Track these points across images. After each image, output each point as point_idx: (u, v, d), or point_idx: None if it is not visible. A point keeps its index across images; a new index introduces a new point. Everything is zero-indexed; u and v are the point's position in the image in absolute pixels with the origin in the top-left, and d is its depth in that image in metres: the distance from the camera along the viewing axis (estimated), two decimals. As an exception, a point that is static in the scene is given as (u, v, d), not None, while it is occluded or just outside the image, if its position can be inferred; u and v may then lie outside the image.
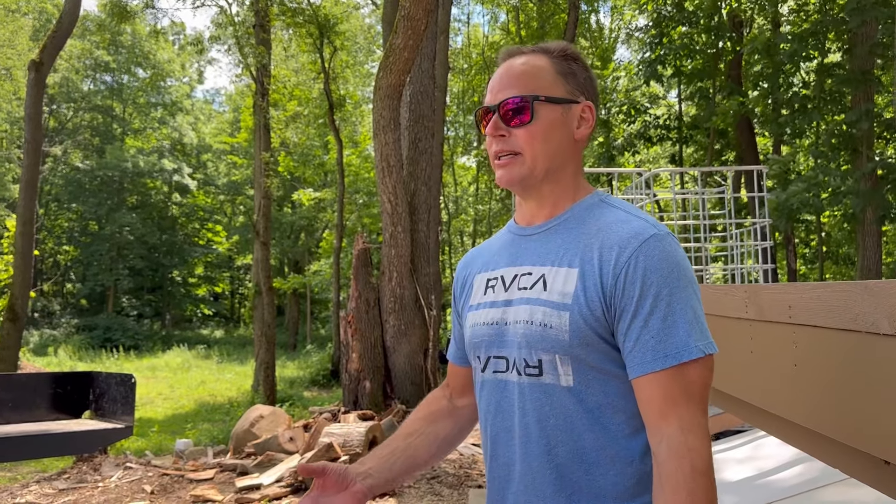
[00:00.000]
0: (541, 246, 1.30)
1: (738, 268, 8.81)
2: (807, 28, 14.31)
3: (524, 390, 1.23)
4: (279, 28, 19.31)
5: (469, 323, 1.37)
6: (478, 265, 1.44)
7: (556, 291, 1.21)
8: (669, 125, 19.40)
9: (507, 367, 1.26)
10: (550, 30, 21.58)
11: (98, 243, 33.53)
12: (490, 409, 1.31)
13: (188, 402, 15.39)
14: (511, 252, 1.35)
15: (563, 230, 1.29)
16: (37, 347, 25.65)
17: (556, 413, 1.19)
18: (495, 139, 1.29)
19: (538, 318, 1.21)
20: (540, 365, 1.21)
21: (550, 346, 1.19)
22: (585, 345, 1.17)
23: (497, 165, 1.30)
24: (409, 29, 7.19)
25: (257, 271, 16.41)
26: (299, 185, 27.78)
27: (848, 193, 11.79)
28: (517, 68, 1.31)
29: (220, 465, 7.31)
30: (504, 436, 1.27)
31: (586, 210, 1.30)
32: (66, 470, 7.43)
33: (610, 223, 1.23)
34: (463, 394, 1.53)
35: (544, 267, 1.26)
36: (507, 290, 1.30)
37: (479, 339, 1.32)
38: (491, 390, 1.30)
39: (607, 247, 1.19)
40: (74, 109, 36.10)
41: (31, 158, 12.40)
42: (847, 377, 1.50)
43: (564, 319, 1.18)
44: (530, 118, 1.27)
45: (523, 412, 1.23)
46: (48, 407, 3.97)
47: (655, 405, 1.13)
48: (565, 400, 1.19)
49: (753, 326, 2.03)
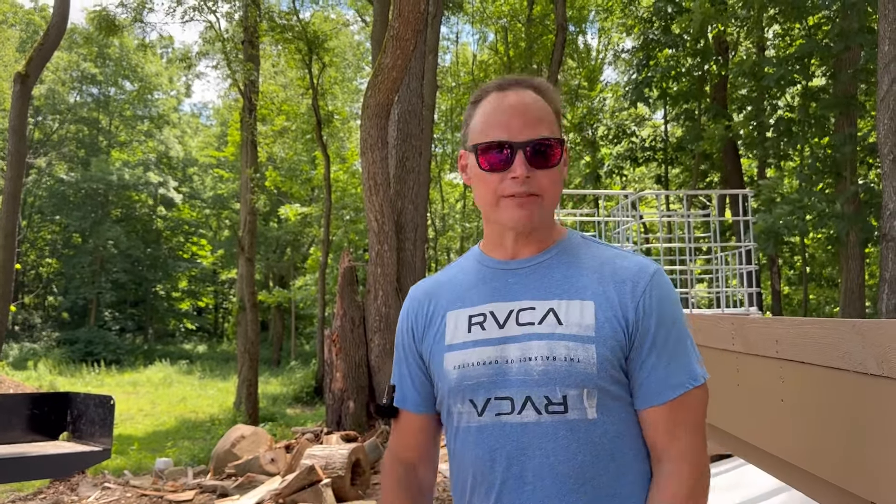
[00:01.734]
0: (537, 280, 1.25)
1: (722, 290, 8.84)
2: (791, 53, 14.50)
3: (546, 429, 1.17)
4: (268, 44, 19.34)
5: (451, 364, 1.26)
6: (445, 300, 1.34)
7: (575, 324, 1.19)
8: (655, 146, 19.55)
9: (514, 408, 1.19)
10: (538, 50, 21.74)
11: (81, 256, 33.23)
12: (488, 456, 1.21)
13: (169, 419, 15.21)
14: (495, 287, 1.28)
15: (558, 264, 1.26)
16: (16, 361, 25.27)
17: (584, 449, 1.17)
18: (517, 180, 1.21)
19: (562, 353, 1.18)
20: (565, 401, 1.17)
21: (579, 380, 1.17)
22: (610, 376, 1.18)
23: (516, 204, 1.22)
24: (398, 49, 7.21)
25: (241, 287, 16.30)
26: (286, 200, 27.70)
27: (832, 216, 11.91)
28: (534, 105, 1.25)
29: (200, 486, 7.20)
30: (514, 482, 1.19)
31: (576, 246, 1.30)
32: (43, 490, 7.30)
33: (609, 258, 1.26)
34: (422, 453, 1.39)
35: (551, 301, 1.22)
36: (502, 327, 1.23)
37: (474, 381, 1.23)
38: (490, 435, 1.21)
39: (619, 280, 1.22)
40: (60, 121, 35.88)
41: (15, 170, 12.28)
42: (835, 416, 1.49)
43: (591, 352, 1.17)
44: (559, 161, 1.24)
45: (545, 453, 1.17)
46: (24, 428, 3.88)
47: (661, 433, 1.19)
48: (591, 434, 1.18)
49: (740, 359, 2.02)
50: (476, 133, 1.27)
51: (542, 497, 1.17)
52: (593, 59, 25.32)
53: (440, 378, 1.29)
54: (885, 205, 7.15)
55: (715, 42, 17.29)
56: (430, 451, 1.40)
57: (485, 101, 1.29)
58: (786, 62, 13.90)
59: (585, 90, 23.77)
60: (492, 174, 1.23)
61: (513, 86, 1.28)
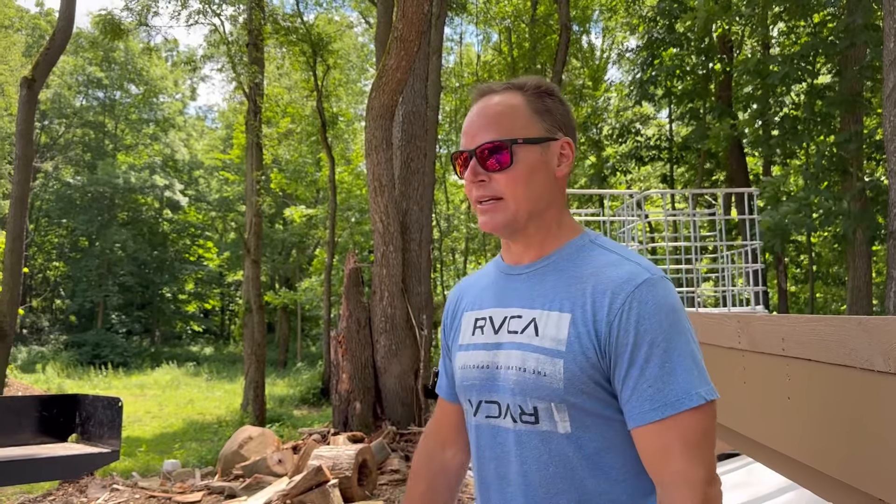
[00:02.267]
0: (530, 288, 1.25)
1: (728, 289, 8.83)
2: (797, 50, 14.46)
3: (521, 438, 1.19)
4: (272, 46, 19.38)
5: (459, 364, 1.33)
6: (466, 301, 1.39)
7: (549, 337, 1.17)
8: (660, 145, 19.51)
9: (500, 413, 1.23)
10: (542, 50, 21.73)
11: (88, 259, 33.36)
12: (484, 455, 1.27)
13: (176, 421, 15.25)
14: (497, 292, 1.31)
15: (553, 271, 1.25)
16: (24, 364, 25.38)
17: (555, 461, 1.16)
18: (475, 185, 1.24)
19: (531, 366, 1.17)
20: (536, 413, 1.17)
21: (545, 394, 1.16)
22: (581, 392, 1.14)
23: (480, 211, 1.25)
24: (402, 50, 7.22)
25: (248, 289, 16.34)
26: (291, 202, 27.75)
27: (838, 214, 11.87)
28: (492, 108, 1.25)
29: (207, 487, 7.22)
30: (498, 483, 1.23)
31: (577, 251, 1.26)
32: (52, 492, 7.33)
33: (602, 266, 1.20)
34: (450, 437, 1.46)
35: (534, 310, 1.22)
36: (496, 333, 1.26)
37: (470, 383, 1.28)
38: (483, 435, 1.27)
39: (600, 292, 1.16)
40: (66, 125, 36.03)
41: (22, 174, 12.33)
42: (841, 413, 1.49)
43: (559, 367, 1.15)
44: (510, 162, 1.22)
45: (521, 460, 1.19)
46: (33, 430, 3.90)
47: (653, 455, 1.12)
48: (564, 447, 1.16)
49: (746, 357, 2.02)
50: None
51: (522, 499, 1.20)
52: (597, 58, 25.30)
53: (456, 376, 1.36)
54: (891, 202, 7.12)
55: (719, 40, 17.26)
56: (457, 437, 1.45)
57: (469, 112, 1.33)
58: (791, 60, 13.86)
59: (590, 90, 23.75)
60: (467, 183, 1.26)
61: (478, 95, 1.31)
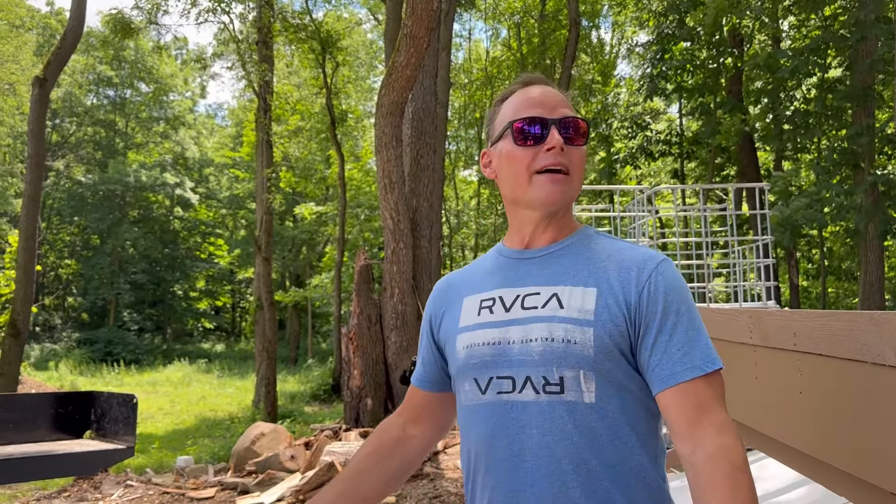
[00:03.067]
0: (545, 268, 1.30)
1: (740, 285, 8.79)
2: (807, 44, 14.37)
3: (543, 409, 1.20)
4: (282, 44, 19.41)
5: (461, 345, 1.32)
6: (465, 288, 1.40)
7: (575, 308, 1.22)
8: (671, 140, 19.44)
9: (515, 387, 1.23)
10: (551, 45, 21.67)
11: (100, 257, 33.56)
12: (492, 433, 1.25)
13: (189, 418, 15.34)
14: (507, 274, 1.34)
15: (568, 254, 1.31)
16: (38, 362, 25.59)
17: (579, 430, 1.18)
18: (552, 151, 1.28)
19: (560, 335, 1.20)
20: (562, 382, 1.19)
21: (575, 361, 1.19)
22: (609, 359, 1.19)
23: (550, 180, 1.28)
24: (412, 47, 7.23)
25: (258, 286, 16.40)
26: (301, 200, 27.82)
27: (850, 209, 11.79)
28: (560, 95, 1.35)
29: (220, 483, 7.27)
30: (512, 461, 1.22)
31: (589, 238, 1.34)
32: (67, 488, 7.40)
33: (619, 248, 1.29)
34: (417, 421, 1.49)
35: (555, 287, 1.26)
36: (507, 311, 1.28)
37: (479, 360, 1.28)
38: (492, 413, 1.25)
39: (624, 268, 1.24)
40: (77, 124, 36.23)
41: (34, 173, 12.42)
42: (853, 407, 1.49)
43: (588, 335, 1.19)
44: (586, 140, 1.33)
45: (541, 432, 1.20)
46: (49, 427, 3.93)
47: (687, 413, 1.15)
48: (588, 417, 1.18)
49: (758, 352, 2.02)
50: (506, 118, 1.35)
51: (539, 476, 1.19)
52: (607, 53, 25.21)
53: (452, 359, 1.35)
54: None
55: (730, 35, 17.17)
56: (424, 420, 1.50)
57: (512, 97, 1.37)
58: (801, 54, 13.77)
59: (599, 85, 23.68)
60: (526, 150, 1.29)
61: (536, 81, 1.37)
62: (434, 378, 1.46)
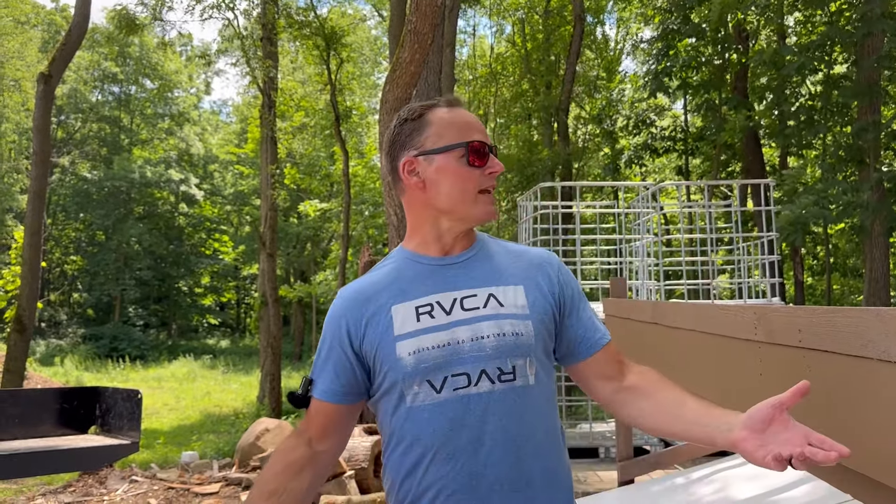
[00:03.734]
0: (470, 272, 1.46)
1: (745, 281, 8.77)
2: (813, 40, 14.30)
3: (494, 398, 1.35)
4: (286, 40, 19.41)
5: (405, 351, 1.36)
6: (385, 297, 1.43)
7: (512, 304, 1.41)
8: (675, 137, 19.39)
9: (471, 382, 1.35)
10: (556, 41, 21.63)
11: (105, 253, 33.64)
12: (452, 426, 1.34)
13: (194, 413, 15.39)
14: (436, 280, 1.44)
15: (481, 259, 1.49)
16: (43, 357, 25.69)
17: (528, 410, 1.37)
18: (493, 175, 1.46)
19: (509, 330, 1.38)
20: (514, 370, 1.37)
21: (524, 351, 1.38)
22: (543, 346, 1.43)
23: (486, 201, 1.45)
24: (416, 43, 7.21)
25: (263, 282, 16.43)
26: (305, 196, 27.84)
27: (857, 205, 11.75)
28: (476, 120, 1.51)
29: (225, 478, 7.30)
30: (472, 448, 1.34)
31: (488, 244, 1.54)
32: (72, 483, 7.43)
33: (518, 251, 1.54)
34: (325, 436, 1.47)
35: (489, 287, 1.43)
36: (449, 314, 1.39)
37: (430, 363, 1.35)
38: (451, 409, 1.35)
39: (536, 265, 1.49)
40: (82, 120, 36.30)
41: (40, 170, 12.45)
42: (859, 404, 1.49)
43: (529, 327, 1.40)
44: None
45: (499, 417, 1.35)
46: (55, 422, 3.96)
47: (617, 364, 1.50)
48: (534, 396, 1.39)
49: (762, 349, 2.02)
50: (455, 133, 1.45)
51: (497, 457, 1.33)
52: (612, 49, 25.15)
53: (391, 366, 1.38)
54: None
55: (735, 31, 17.11)
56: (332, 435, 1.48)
57: (439, 112, 1.48)
58: (807, 50, 13.71)
59: (604, 81, 23.63)
60: (473, 170, 1.43)
61: (460, 104, 1.52)
62: (350, 390, 1.45)
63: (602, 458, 7.71)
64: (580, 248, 9.01)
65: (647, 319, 3.63)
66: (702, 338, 2.62)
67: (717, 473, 4.47)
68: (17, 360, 11.73)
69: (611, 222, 17.49)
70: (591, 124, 22.87)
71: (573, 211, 9.91)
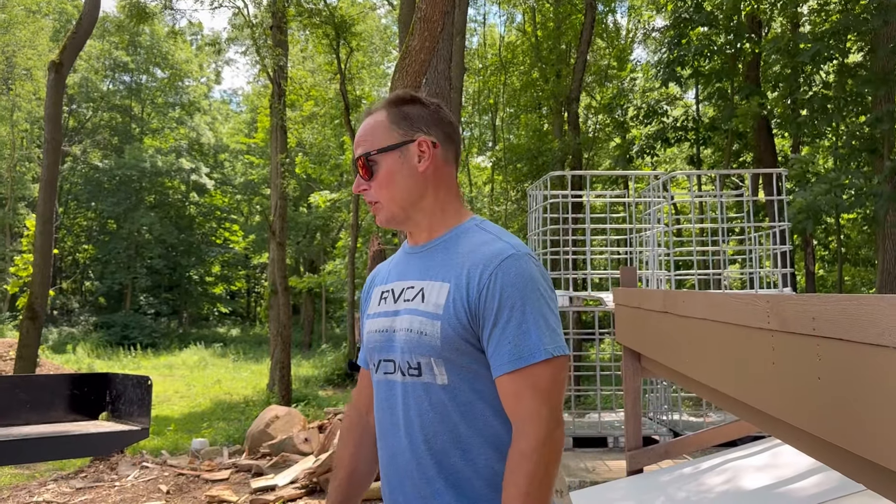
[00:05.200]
0: (422, 263, 1.49)
1: (756, 271, 8.71)
2: (827, 28, 14.14)
3: (407, 389, 1.42)
4: (296, 29, 19.37)
5: (367, 330, 1.55)
6: (378, 279, 1.62)
7: (432, 303, 1.40)
8: (687, 126, 19.25)
9: (394, 369, 1.45)
10: (567, 30, 21.49)
11: (116, 242, 33.81)
12: (381, 406, 1.48)
13: (204, 401, 15.48)
14: (400, 268, 1.55)
15: (441, 250, 1.48)
16: (55, 345, 25.89)
17: (434, 408, 1.38)
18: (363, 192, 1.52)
19: (416, 327, 1.40)
20: (419, 367, 1.40)
21: (426, 350, 1.38)
22: (455, 349, 1.37)
23: (373, 211, 1.53)
24: (426, 31, 7.16)
25: (273, 271, 16.47)
26: (315, 186, 27.86)
27: (870, 195, 11.64)
28: (363, 127, 1.52)
29: (235, 465, 7.34)
30: (392, 429, 1.45)
31: (462, 234, 1.48)
32: (84, 469, 7.49)
33: (478, 245, 1.43)
34: (369, 400, 1.63)
35: (424, 281, 1.45)
36: (395, 302, 1.49)
37: (373, 345, 1.51)
38: (381, 389, 1.49)
39: (473, 265, 1.39)
40: (93, 109, 36.41)
41: (51, 158, 12.48)
42: (874, 393, 1.47)
43: (437, 327, 1.37)
44: (371, 172, 1.49)
45: (406, 407, 1.41)
46: (65, 408, 3.98)
47: (510, 399, 1.33)
48: (441, 396, 1.38)
49: (775, 337, 2.00)
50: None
51: (408, 442, 1.41)
52: (623, 38, 24.96)
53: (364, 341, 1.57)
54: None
55: (748, 19, 16.94)
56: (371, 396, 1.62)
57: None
58: (822, 38, 13.55)
59: (615, 70, 23.47)
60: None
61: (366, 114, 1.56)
62: None
63: (611, 448, 7.70)
64: (590, 238, 8.98)
65: (658, 309, 3.61)
66: (714, 327, 2.61)
67: (726, 463, 4.46)
68: (29, 346, 11.81)
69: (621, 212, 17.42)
70: (602, 114, 22.74)
71: (583, 200, 9.87)
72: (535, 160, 19.89)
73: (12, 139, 30.98)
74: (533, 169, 20.00)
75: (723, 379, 2.61)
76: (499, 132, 27.64)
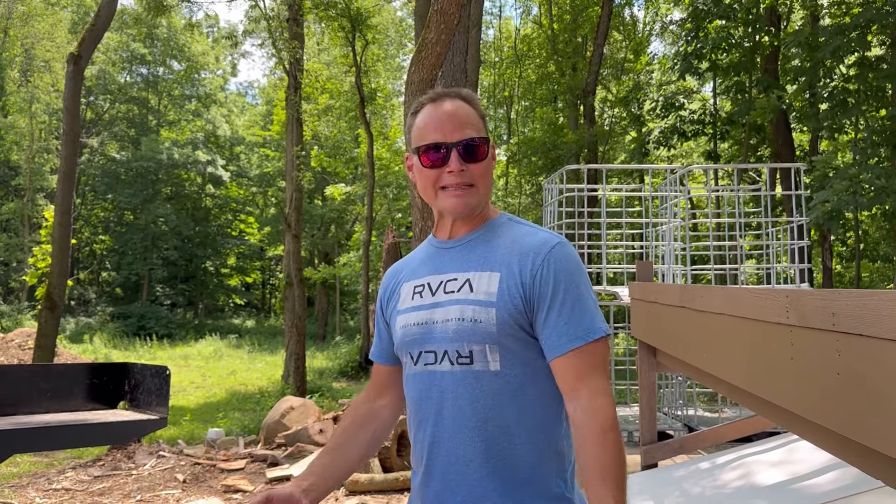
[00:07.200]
0: (462, 256, 1.54)
1: (773, 267, 8.65)
2: (848, 21, 13.98)
3: (457, 377, 1.44)
4: (312, 22, 19.38)
5: (400, 325, 1.57)
6: (404, 275, 1.65)
7: (482, 292, 1.45)
8: (704, 120, 19.11)
9: (437, 360, 1.47)
10: (583, 23, 21.39)
11: (133, 233, 34.06)
12: (421, 396, 1.50)
13: (220, 391, 15.59)
14: (434, 262, 1.58)
15: (481, 243, 1.54)
16: (73, 335, 26.14)
17: (485, 394, 1.42)
18: (452, 174, 1.49)
19: (469, 315, 1.44)
20: (471, 355, 1.43)
21: (481, 337, 1.42)
22: (509, 335, 1.42)
23: (452, 195, 1.51)
24: (442, 23, 7.15)
25: (288, 263, 16.53)
26: (330, 179, 27.92)
27: (890, 191, 11.51)
28: (460, 111, 1.52)
29: (250, 455, 7.40)
30: (434, 419, 1.47)
31: (497, 227, 1.56)
32: (101, 457, 7.57)
33: (521, 235, 1.51)
34: (382, 392, 1.71)
35: (468, 272, 1.50)
36: (433, 295, 1.52)
37: (411, 338, 1.53)
38: (420, 380, 1.51)
39: (523, 254, 1.46)
40: (111, 101, 36.65)
41: (69, 149, 12.58)
42: (893, 388, 1.46)
43: (492, 314, 1.42)
44: (486, 155, 1.53)
45: (456, 396, 1.44)
46: (85, 397, 4.02)
47: (571, 377, 1.38)
48: (493, 383, 1.42)
49: (794, 332, 1.99)
50: (416, 138, 1.55)
51: (454, 430, 1.44)
52: (640, 31, 24.80)
53: (394, 336, 1.60)
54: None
55: (767, 12, 16.78)
56: (389, 391, 1.71)
57: (422, 112, 1.57)
58: (842, 31, 13.39)
59: (632, 63, 23.33)
60: (432, 170, 1.51)
61: (443, 97, 1.55)
62: (388, 353, 1.67)
63: (625, 442, 7.68)
64: (605, 232, 8.94)
65: (675, 303, 3.59)
66: (732, 321, 2.59)
67: (741, 459, 4.44)
68: (48, 336, 11.94)
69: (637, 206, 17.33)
70: (618, 107, 22.61)
71: (599, 194, 9.83)
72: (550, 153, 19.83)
73: (31, 131, 31.24)
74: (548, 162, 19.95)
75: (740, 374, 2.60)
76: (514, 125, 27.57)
